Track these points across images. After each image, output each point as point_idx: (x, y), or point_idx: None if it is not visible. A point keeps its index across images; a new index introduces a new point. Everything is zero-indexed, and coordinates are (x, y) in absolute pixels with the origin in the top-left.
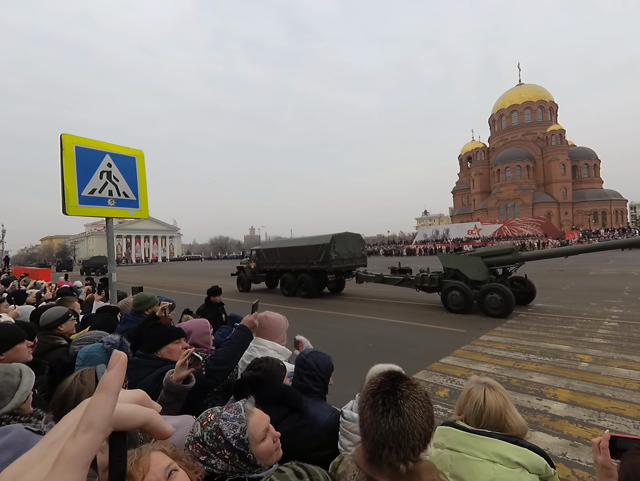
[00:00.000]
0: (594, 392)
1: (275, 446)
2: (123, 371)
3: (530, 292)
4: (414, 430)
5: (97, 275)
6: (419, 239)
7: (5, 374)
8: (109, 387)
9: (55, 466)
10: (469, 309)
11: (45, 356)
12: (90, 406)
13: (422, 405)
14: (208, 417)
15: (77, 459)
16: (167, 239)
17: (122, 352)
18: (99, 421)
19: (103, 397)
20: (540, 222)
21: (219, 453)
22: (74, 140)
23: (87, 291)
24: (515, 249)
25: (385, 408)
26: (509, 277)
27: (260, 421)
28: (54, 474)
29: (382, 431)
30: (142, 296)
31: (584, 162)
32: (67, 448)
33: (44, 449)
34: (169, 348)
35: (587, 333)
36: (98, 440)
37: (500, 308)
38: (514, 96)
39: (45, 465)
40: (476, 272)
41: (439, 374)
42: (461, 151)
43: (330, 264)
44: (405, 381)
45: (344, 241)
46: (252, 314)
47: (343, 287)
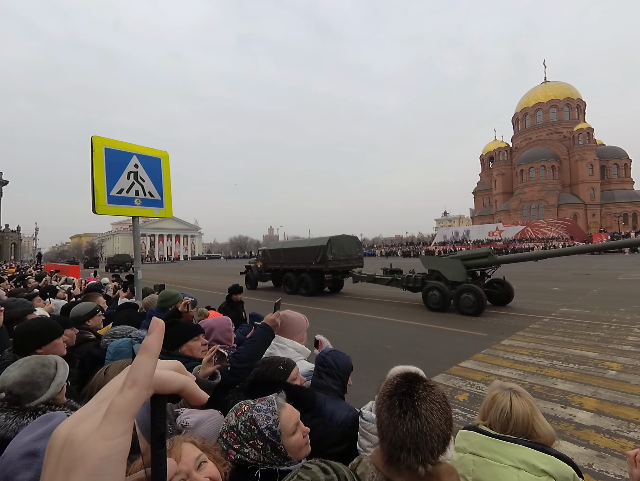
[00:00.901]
0: (622, 402)
1: (304, 441)
2: (162, 335)
3: (508, 293)
4: (432, 432)
5: (121, 272)
6: (438, 241)
7: (42, 366)
8: (150, 349)
9: (107, 416)
10: (446, 308)
11: (75, 350)
12: (134, 366)
13: (440, 407)
14: (242, 408)
15: (125, 410)
16: (189, 238)
17: (160, 319)
18: (142, 379)
19: (145, 358)
20: (565, 224)
21: (252, 443)
22: (103, 142)
23: (114, 288)
24: (491, 253)
25: (402, 410)
26: (490, 279)
27: (292, 415)
28: (105, 421)
29: (400, 433)
30: (167, 293)
31: (613, 162)
32: (116, 401)
33: (95, 405)
34: (189, 345)
35: (616, 340)
36: (142, 396)
37: (473, 306)
38: (539, 94)
39: (97, 417)
40: (455, 273)
41: (458, 378)
42: (483, 151)
43: (327, 265)
44: (422, 383)
45: (341, 243)
46: (275, 313)
47: (341, 286)
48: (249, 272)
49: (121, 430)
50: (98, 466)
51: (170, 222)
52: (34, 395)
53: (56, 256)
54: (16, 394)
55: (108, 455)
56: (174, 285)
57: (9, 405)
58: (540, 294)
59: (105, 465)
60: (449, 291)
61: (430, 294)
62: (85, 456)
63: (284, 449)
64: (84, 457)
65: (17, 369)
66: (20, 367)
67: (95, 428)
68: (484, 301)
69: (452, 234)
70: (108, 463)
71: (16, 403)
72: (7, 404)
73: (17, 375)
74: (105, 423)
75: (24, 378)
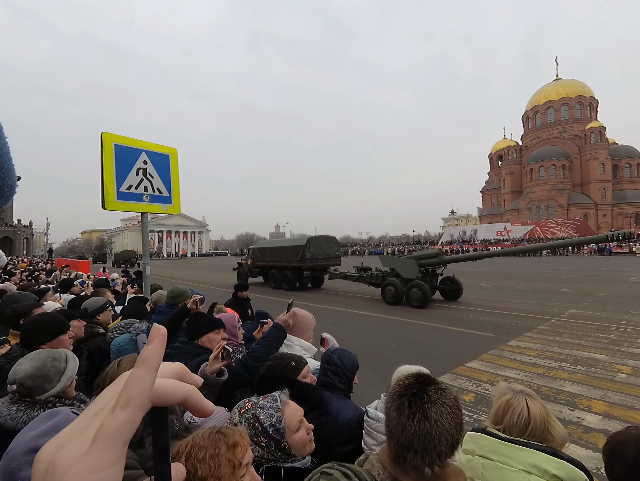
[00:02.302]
0: (632, 405)
1: (308, 438)
2: (163, 345)
3: (457, 289)
4: (441, 436)
5: (127, 267)
6: (445, 240)
7: (53, 359)
8: (149, 362)
9: (94, 442)
10: (400, 302)
11: (84, 343)
12: (129, 382)
13: (450, 411)
14: (246, 406)
15: (115, 435)
16: (196, 235)
17: (162, 326)
18: (137, 398)
19: (142, 372)
20: (575, 224)
21: (256, 440)
22: (113, 138)
23: (123, 283)
24: (439, 254)
25: (411, 411)
26: (442, 277)
27: (296, 412)
28: (93, 450)
29: (408, 434)
30: (176, 289)
31: (626, 162)
32: (106, 424)
33: (84, 421)
34: (209, 337)
35: (626, 343)
36: (137, 417)
37: (419, 300)
38: (550, 92)
39: (85, 439)
40: (409, 271)
41: (464, 378)
42: (492, 150)
43: (305, 262)
44: (433, 385)
45: (319, 243)
46: (287, 313)
47: (321, 283)
48: (240, 268)
49: (110, 460)
50: None
51: (178, 219)
52: (45, 388)
53: (67, 251)
54: (27, 386)
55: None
56: (182, 281)
57: (20, 397)
58: (549, 295)
59: None
60: (402, 287)
61: (387, 289)
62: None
63: (288, 446)
64: None
65: (29, 362)
66: (32, 360)
67: (80, 456)
68: (428, 295)
69: (459, 234)
70: None
71: (27, 396)
72: (18, 396)
73: (29, 368)
74: (92, 451)
75: (35, 371)
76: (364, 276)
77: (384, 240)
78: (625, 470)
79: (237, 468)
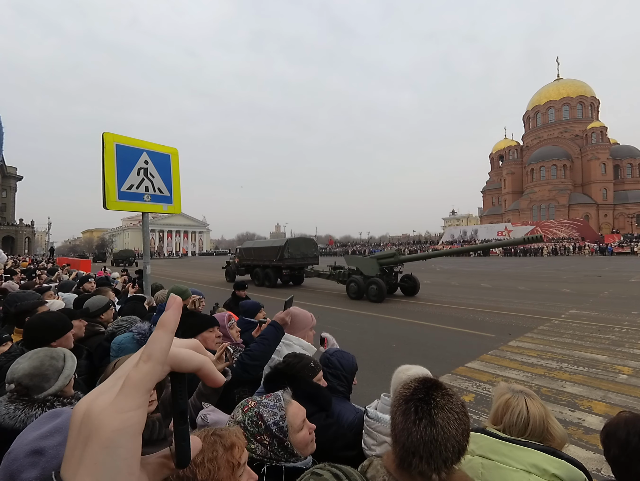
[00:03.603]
0: (633, 406)
1: (311, 438)
2: (179, 311)
3: (414, 285)
4: (447, 442)
5: (125, 266)
6: (445, 240)
7: (51, 358)
8: (167, 324)
9: (122, 389)
10: (361, 297)
11: (85, 342)
12: (150, 341)
13: (457, 417)
14: (249, 404)
15: (140, 383)
16: (197, 235)
17: (178, 296)
18: (157, 353)
19: (161, 333)
20: (576, 224)
21: (259, 438)
22: (114, 138)
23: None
24: (397, 254)
25: (417, 417)
26: (402, 275)
27: (299, 411)
28: (120, 395)
29: (413, 440)
30: (177, 288)
31: (627, 162)
32: (131, 375)
33: (113, 381)
34: (204, 336)
35: (627, 344)
36: (157, 370)
37: (376, 295)
38: (552, 92)
39: (113, 392)
40: (370, 270)
41: (465, 378)
42: (493, 150)
43: (284, 262)
44: (441, 390)
45: (298, 244)
46: (284, 311)
47: (302, 281)
48: (228, 267)
49: (136, 403)
50: (111, 438)
51: (179, 219)
52: (43, 387)
53: (68, 250)
54: (25, 385)
55: (121, 428)
56: (182, 280)
57: (18, 396)
58: (550, 296)
59: (119, 437)
60: (363, 284)
61: (350, 285)
62: (99, 429)
63: (291, 445)
64: (99, 429)
65: (27, 361)
66: (30, 359)
67: (110, 402)
68: (383, 290)
69: (460, 234)
70: (121, 435)
71: (25, 395)
72: (16, 395)
73: (27, 367)
74: (120, 396)
75: (33, 370)
76: (334, 274)
77: (385, 240)
78: (619, 449)
79: (236, 469)
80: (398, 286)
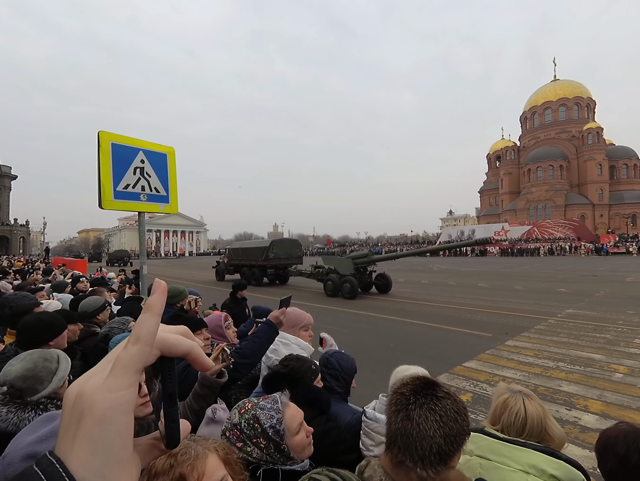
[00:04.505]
0: (629, 405)
1: (308, 441)
2: (164, 295)
3: (387, 283)
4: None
5: (120, 266)
6: (443, 240)
7: (45, 360)
8: (153, 307)
9: (112, 370)
10: (337, 294)
11: (81, 343)
12: (137, 323)
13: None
14: (246, 406)
15: (128, 364)
16: (194, 234)
17: (162, 281)
18: (145, 335)
19: (148, 315)
20: (573, 224)
21: (255, 441)
22: (110, 137)
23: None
24: (369, 254)
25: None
26: (376, 274)
27: (296, 414)
28: (110, 375)
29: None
30: (174, 289)
31: (623, 162)
32: (120, 356)
33: (103, 365)
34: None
35: (623, 343)
36: (145, 352)
37: (349, 292)
38: (548, 93)
39: (104, 374)
40: (345, 269)
41: (462, 378)
42: (490, 150)
43: (268, 262)
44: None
45: (282, 244)
46: (280, 309)
47: (287, 280)
48: (218, 266)
49: (126, 383)
50: (104, 415)
51: (176, 218)
52: (36, 389)
53: (64, 250)
54: (18, 388)
55: (113, 406)
56: (180, 281)
57: (11, 398)
58: (547, 295)
59: (110, 414)
60: (338, 282)
61: (327, 283)
62: (92, 407)
63: (287, 448)
64: (91, 407)
65: (20, 363)
66: (23, 361)
67: (101, 382)
68: (356, 288)
69: (457, 234)
70: (113, 412)
71: (18, 397)
72: (9, 398)
73: (20, 369)
74: (110, 377)
75: (26, 372)
76: (314, 273)
77: (383, 240)
78: (617, 464)
79: None
80: (373, 284)
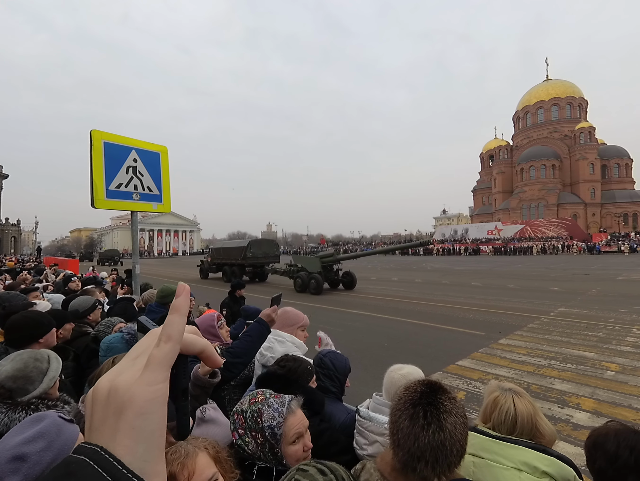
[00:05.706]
0: (620, 402)
1: (303, 456)
2: (188, 297)
3: (352, 280)
4: (453, 447)
5: (110, 265)
6: (437, 239)
7: (35, 360)
8: (180, 309)
9: (147, 366)
10: (305, 290)
11: (72, 343)
12: (167, 324)
13: (462, 421)
14: (257, 397)
15: (163, 360)
16: (188, 234)
17: (186, 284)
18: (176, 334)
19: (176, 316)
20: (565, 223)
21: (254, 435)
22: (102, 136)
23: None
24: (335, 254)
25: (426, 422)
26: (342, 272)
27: (297, 424)
28: (147, 370)
29: (420, 445)
30: (167, 288)
31: (614, 162)
32: (155, 353)
33: (129, 362)
34: None
35: (615, 341)
36: (176, 349)
37: (315, 288)
38: (541, 92)
39: (136, 369)
40: (313, 267)
41: (455, 376)
42: (483, 149)
43: (246, 260)
44: (447, 395)
45: (260, 244)
46: (271, 307)
47: (265, 277)
48: (202, 265)
49: (162, 378)
50: (145, 406)
51: (169, 218)
52: (27, 389)
53: (56, 250)
54: (9, 388)
55: (153, 398)
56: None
57: (1, 399)
58: (539, 294)
59: (151, 405)
60: (306, 279)
61: (296, 280)
62: (133, 399)
63: (281, 454)
64: (132, 400)
65: (10, 363)
66: (13, 361)
67: (137, 377)
68: (321, 285)
69: (450, 233)
70: (153, 404)
71: (9, 398)
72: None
73: (10, 369)
74: (147, 372)
75: (16, 373)
76: (286, 271)
77: (376, 239)
78: (606, 461)
79: None
80: (340, 281)
